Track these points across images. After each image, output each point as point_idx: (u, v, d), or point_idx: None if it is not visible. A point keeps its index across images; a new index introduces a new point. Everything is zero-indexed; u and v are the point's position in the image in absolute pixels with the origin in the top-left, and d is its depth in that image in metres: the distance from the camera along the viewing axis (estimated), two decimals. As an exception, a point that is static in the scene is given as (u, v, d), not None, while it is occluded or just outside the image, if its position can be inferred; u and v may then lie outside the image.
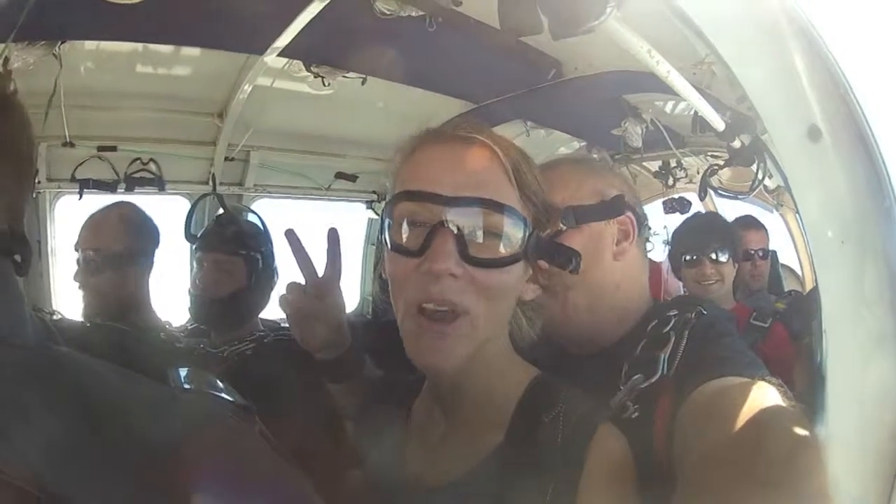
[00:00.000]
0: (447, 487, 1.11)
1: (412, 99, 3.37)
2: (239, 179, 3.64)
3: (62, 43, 2.58)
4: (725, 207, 3.93)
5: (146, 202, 2.95)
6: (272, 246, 2.50)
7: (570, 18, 1.21)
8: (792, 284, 3.94)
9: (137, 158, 3.21)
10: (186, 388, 0.92)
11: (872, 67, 1.08)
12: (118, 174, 3.16)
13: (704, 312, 1.32)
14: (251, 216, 2.77)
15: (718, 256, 3.00)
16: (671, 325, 1.30)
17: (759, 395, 1.03)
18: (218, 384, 0.96)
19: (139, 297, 2.42)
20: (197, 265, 2.43)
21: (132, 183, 3.19)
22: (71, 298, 2.40)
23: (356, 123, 3.68)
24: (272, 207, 3.69)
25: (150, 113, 3.19)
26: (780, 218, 4.02)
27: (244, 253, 2.41)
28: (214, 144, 3.40)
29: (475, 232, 1.06)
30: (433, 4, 2.52)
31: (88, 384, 0.71)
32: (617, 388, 1.23)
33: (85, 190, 3.06)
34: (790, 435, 0.97)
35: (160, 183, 3.26)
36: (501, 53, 2.87)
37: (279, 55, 2.87)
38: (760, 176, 3.06)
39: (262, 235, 2.54)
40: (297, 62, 3.05)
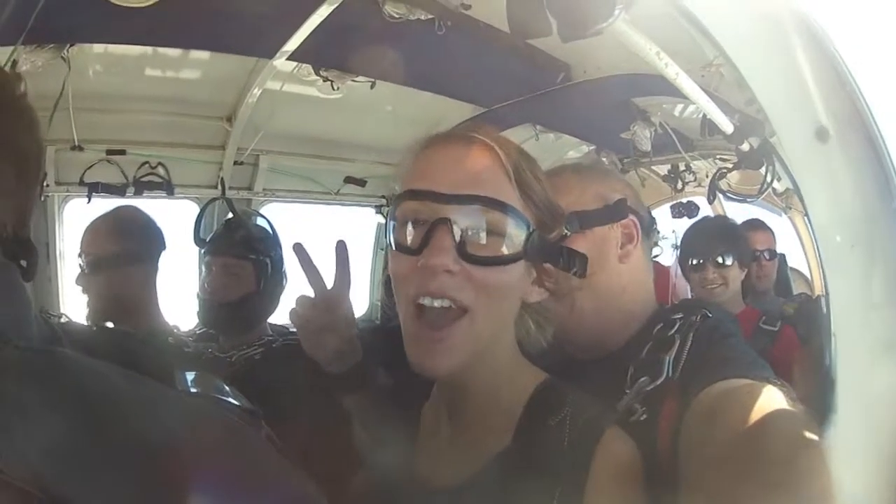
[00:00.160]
0: (453, 490, 1.11)
1: (421, 103, 3.38)
2: (248, 183, 3.65)
3: (71, 46, 2.59)
4: (734, 211, 3.93)
5: (155, 206, 2.98)
6: (281, 250, 2.50)
7: (578, 21, 1.20)
8: (801, 288, 3.94)
9: (146, 162, 3.22)
10: (193, 391, 0.92)
11: (880, 67, 1.08)
12: (127, 178, 3.17)
13: (709, 315, 1.33)
14: (260, 220, 2.77)
15: (722, 261, 3.02)
16: (676, 328, 1.31)
17: (762, 396, 1.04)
18: (224, 388, 0.96)
19: (143, 300, 2.42)
20: (206, 269, 2.43)
21: (141, 187, 3.20)
22: (79, 301, 2.40)
23: (365, 128, 3.69)
24: (281, 211, 3.70)
25: (158, 117, 3.20)
26: (788, 221, 4.01)
27: (253, 257, 2.41)
28: (223, 148, 3.40)
29: (474, 229, 1.06)
30: (442, 8, 2.53)
31: (90, 385, 0.71)
32: (623, 391, 1.24)
33: (93, 193, 3.07)
34: (792, 436, 0.97)
35: (169, 187, 3.27)
36: (510, 57, 2.87)
37: (288, 59, 2.88)
38: (769, 179, 3.06)
39: (271, 239, 2.54)
40: (306, 66, 3.06)
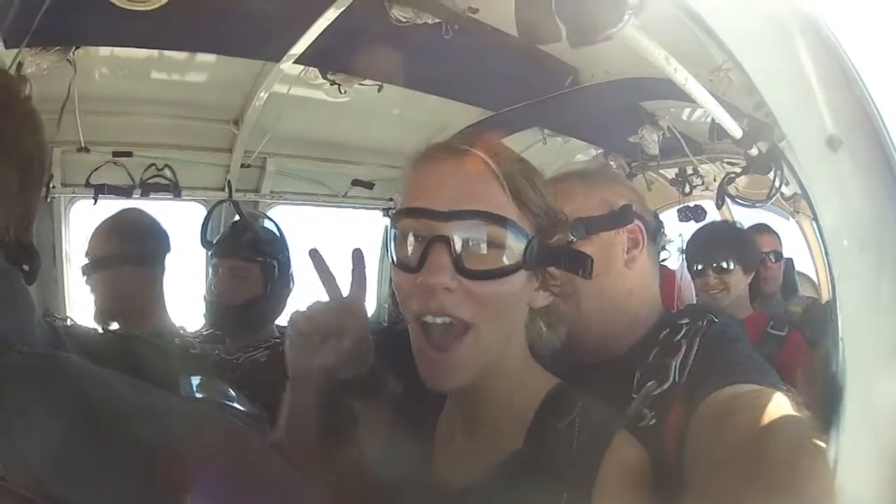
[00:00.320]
0: (462, 491, 1.12)
1: (428, 106, 3.38)
2: (255, 186, 3.64)
3: (76, 49, 2.59)
4: (742, 215, 3.92)
5: (162, 208, 2.98)
6: (288, 253, 2.51)
7: (588, 26, 1.20)
8: (808, 292, 3.92)
9: (152, 164, 3.22)
10: (198, 396, 0.93)
11: (890, 71, 1.07)
12: (133, 180, 3.17)
13: (716, 320, 1.34)
14: (267, 223, 2.77)
15: (723, 266, 3.03)
16: (683, 333, 1.32)
17: (767, 402, 1.04)
18: (230, 393, 0.96)
19: (149, 301, 2.42)
20: (213, 271, 2.44)
21: (147, 188, 3.20)
22: (85, 303, 2.40)
23: (373, 131, 3.69)
24: (288, 214, 3.70)
25: (165, 119, 3.21)
26: (796, 225, 4.00)
27: (260, 260, 2.42)
28: (230, 151, 3.40)
29: (471, 244, 1.07)
30: (449, 12, 2.53)
31: (92, 391, 0.71)
32: (630, 396, 1.25)
33: (100, 195, 3.07)
34: (794, 439, 0.99)
35: (175, 189, 3.27)
36: (518, 60, 2.87)
37: (295, 62, 2.87)
38: (778, 184, 3.05)
39: (278, 242, 2.55)
40: (313, 70, 3.06)
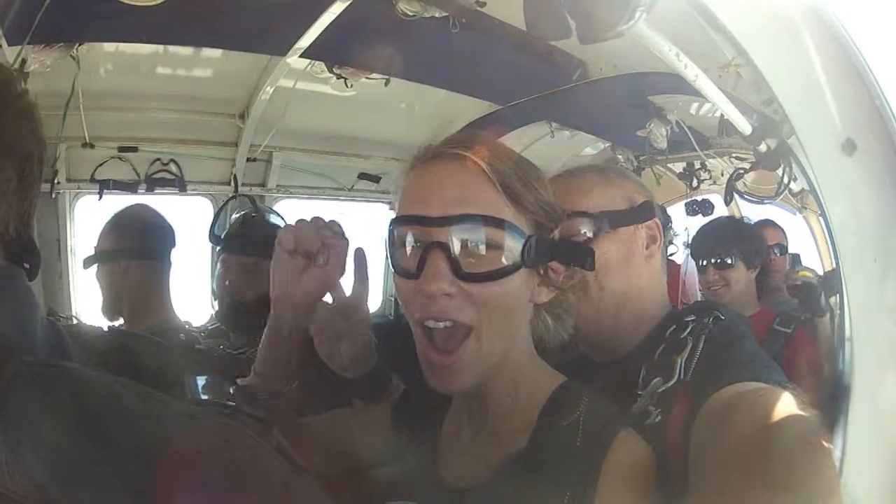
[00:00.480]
0: (469, 490, 1.12)
1: (435, 100, 3.39)
2: (261, 180, 3.65)
3: (80, 45, 2.59)
4: (750, 211, 3.91)
5: (167, 203, 2.98)
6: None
7: (599, 23, 1.19)
8: (814, 287, 3.93)
9: (158, 159, 3.23)
10: (202, 398, 0.92)
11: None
12: (139, 175, 3.18)
13: (722, 318, 1.35)
14: (274, 217, 2.77)
15: (725, 261, 3.04)
16: (689, 330, 1.32)
17: (772, 400, 1.04)
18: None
19: (154, 295, 2.40)
20: (221, 267, 2.43)
21: (153, 183, 3.21)
22: (90, 297, 2.40)
23: (379, 124, 3.70)
24: (295, 208, 3.70)
25: (170, 114, 3.21)
26: (803, 220, 4.00)
27: (269, 255, 2.41)
28: (236, 145, 3.41)
29: (468, 248, 1.07)
30: (456, 5, 2.52)
31: (94, 400, 0.71)
32: (636, 392, 1.25)
33: (105, 190, 3.09)
34: (797, 437, 0.97)
35: (181, 184, 3.28)
36: (526, 54, 2.87)
37: (301, 56, 2.87)
38: (786, 180, 3.03)
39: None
40: (319, 63, 3.05)
